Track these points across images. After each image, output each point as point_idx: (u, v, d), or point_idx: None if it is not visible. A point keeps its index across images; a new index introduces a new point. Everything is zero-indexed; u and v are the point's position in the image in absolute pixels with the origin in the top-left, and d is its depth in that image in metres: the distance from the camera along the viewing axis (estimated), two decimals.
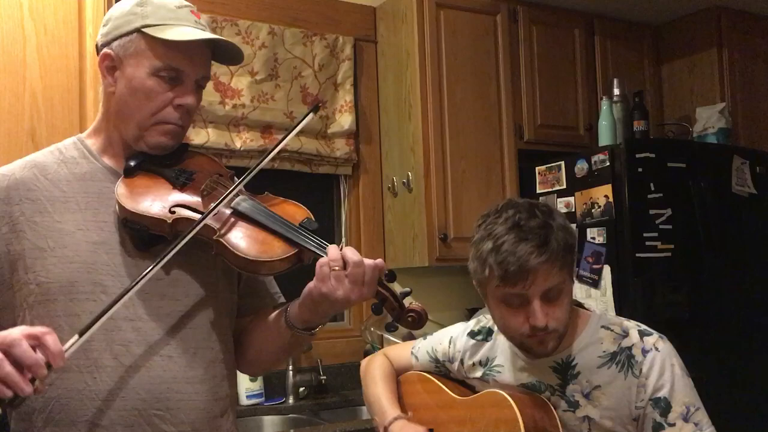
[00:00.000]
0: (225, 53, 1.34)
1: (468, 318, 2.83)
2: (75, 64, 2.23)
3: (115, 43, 1.28)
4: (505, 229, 1.40)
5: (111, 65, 1.29)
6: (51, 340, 1.04)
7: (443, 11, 2.97)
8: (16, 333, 1.03)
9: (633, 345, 1.46)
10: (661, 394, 1.41)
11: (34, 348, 1.03)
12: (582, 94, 3.28)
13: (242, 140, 2.80)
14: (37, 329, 1.05)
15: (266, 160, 1.32)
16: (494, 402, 1.51)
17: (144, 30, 1.25)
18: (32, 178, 1.29)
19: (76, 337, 1.10)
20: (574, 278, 2.78)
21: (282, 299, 1.44)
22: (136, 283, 1.16)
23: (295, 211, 1.30)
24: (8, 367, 1.01)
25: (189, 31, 1.26)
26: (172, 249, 1.18)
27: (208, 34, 1.28)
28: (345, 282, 1.18)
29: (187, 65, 1.27)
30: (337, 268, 1.18)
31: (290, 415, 2.69)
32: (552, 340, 1.44)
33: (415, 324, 1.25)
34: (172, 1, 1.30)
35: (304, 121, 1.35)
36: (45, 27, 2.20)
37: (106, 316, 1.12)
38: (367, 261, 1.20)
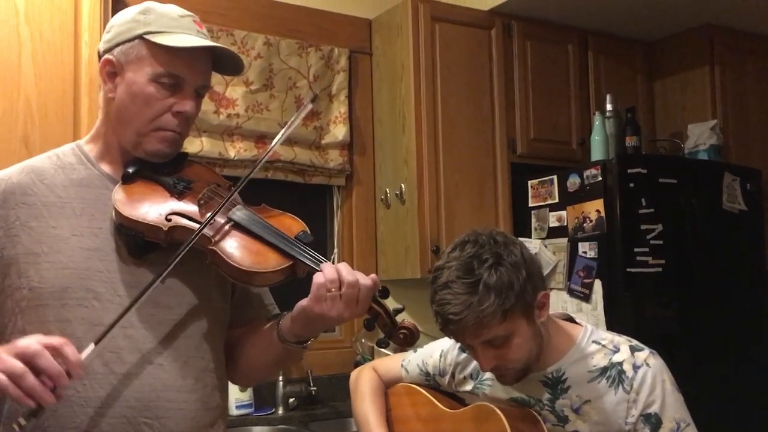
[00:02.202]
0: (226, 63, 1.34)
1: None
2: (70, 71, 2.23)
3: (117, 50, 1.28)
4: (440, 283, 1.40)
5: (112, 71, 1.29)
6: (70, 350, 1.06)
7: (438, 24, 2.99)
8: (35, 344, 1.05)
9: (624, 360, 1.46)
10: (652, 410, 1.42)
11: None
12: (575, 109, 3.30)
13: (236, 150, 2.80)
14: (55, 340, 1.06)
15: (265, 157, 1.33)
16: (484, 415, 1.51)
17: (146, 36, 1.26)
18: (29, 183, 1.29)
19: (92, 346, 1.12)
20: (565, 291, 2.77)
21: (276, 310, 1.44)
22: (148, 287, 1.17)
23: (291, 224, 1.30)
24: (32, 379, 1.03)
25: (191, 38, 1.27)
26: (178, 256, 1.18)
27: (209, 42, 1.29)
28: (340, 302, 1.19)
29: (187, 72, 1.27)
30: (334, 290, 1.18)
31: (280, 426, 2.68)
32: (511, 376, 1.45)
33: (406, 341, 1.26)
34: (175, 11, 1.31)
35: (304, 113, 1.35)
36: (41, 33, 2.20)
37: (119, 323, 1.15)
38: (362, 280, 1.20)
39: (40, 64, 2.19)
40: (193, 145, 2.71)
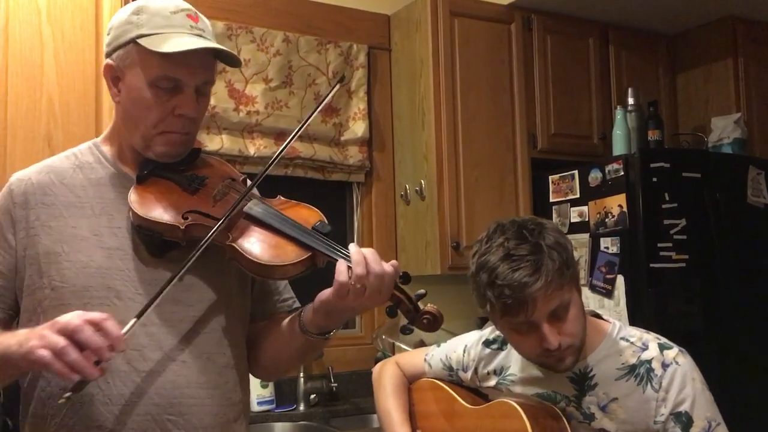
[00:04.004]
0: (228, 54, 1.30)
1: (480, 326, 2.81)
2: (92, 69, 2.24)
3: (115, 54, 1.27)
4: (497, 259, 1.36)
5: (115, 75, 1.28)
6: (111, 324, 1.06)
7: (457, 19, 2.97)
8: (76, 319, 1.05)
9: (653, 358, 1.45)
10: (683, 408, 1.40)
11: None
12: (596, 103, 3.27)
13: (256, 147, 2.81)
14: (96, 315, 1.06)
15: (284, 147, 1.32)
16: (504, 412, 1.50)
17: (138, 41, 1.23)
18: (48, 183, 1.30)
19: (133, 320, 1.12)
20: (587, 287, 2.76)
21: (296, 304, 1.44)
22: (168, 283, 1.16)
23: (308, 214, 1.29)
24: (75, 354, 1.03)
25: (181, 41, 1.23)
26: (194, 255, 1.18)
27: (199, 43, 1.24)
28: (363, 294, 1.17)
29: (184, 74, 1.24)
30: (359, 286, 1.16)
31: (301, 422, 2.69)
32: (570, 355, 1.42)
33: (430, 326, 1.24)
34: (167, 6, 1.27)
35: (330, 95, 1.35)
36: (62, 33, 2.22)
37: (158, 299, 1.15)
38: (385, 268, 1.18)
39: (62, 63, 2.21)
40: (213, 142, 2.72)
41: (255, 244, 1.22)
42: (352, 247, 1.18)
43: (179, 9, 1.27)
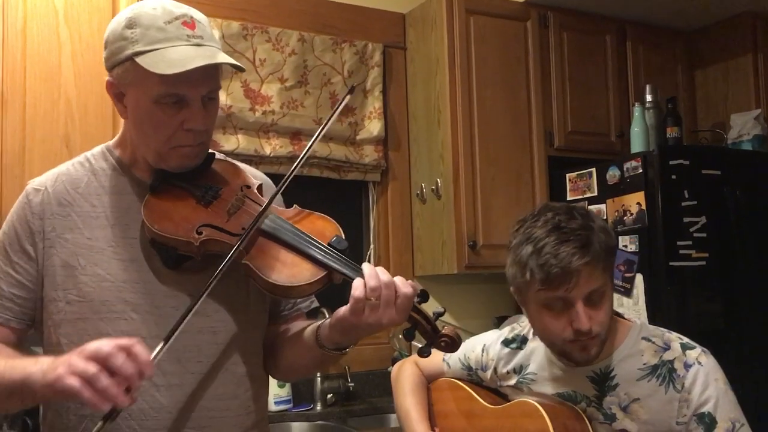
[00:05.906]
0: (230, 63, 1.25)
1: (497, 326, 2.80)
2: None
3: (114, 72, 1.23)
4: (545, 231, 1.37)
5: (118, 92, 1.25)
6: (140, 350, 1.02)
7: (473, 17, 2.96)
8: (107, 346, 1.02)
9: (675, 358, 1.43)
10: (706, 409, 1.38)
11: None
12: (613, 100, 3.24)
13: (272, 146, 2.81)
14: (124, 340, 1.03)
15: (297, 165, 1.28)
16: (525, 412, 1.49)
17: (135, 59, 1.18)
18: (63, 192, 1.28)
19: (161, 344, 1.09)
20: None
21: (314, 304, 1.43)
22: (206, 289, 1.16)
23: (325, 227, 1.26)
24: (107, 381, 0.99)
25: (179, 55, 1.17)
26: (216, 275, 1.17)
27: (197, 59, 1.17)
28: (378, 309, 1.15)
29: (187, 88, 1.19)
30: (373, 299, 1.14)
31: (318, 422, 2.68)
32: (595, 346, 1.41)
33: (448, 348, 1.22)
34: (162, 16, 1.20)
35: (342, 103, 1.33)
36: (80, 34, 2.23)
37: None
38: (403, 287, 1.16)
39: (80, 65, 2.22)
40: (229, 142, 2.73)
41: (269, 263, 1.19)
42: (366, 266, 1.17)
43: (173, 17, 1.20)
